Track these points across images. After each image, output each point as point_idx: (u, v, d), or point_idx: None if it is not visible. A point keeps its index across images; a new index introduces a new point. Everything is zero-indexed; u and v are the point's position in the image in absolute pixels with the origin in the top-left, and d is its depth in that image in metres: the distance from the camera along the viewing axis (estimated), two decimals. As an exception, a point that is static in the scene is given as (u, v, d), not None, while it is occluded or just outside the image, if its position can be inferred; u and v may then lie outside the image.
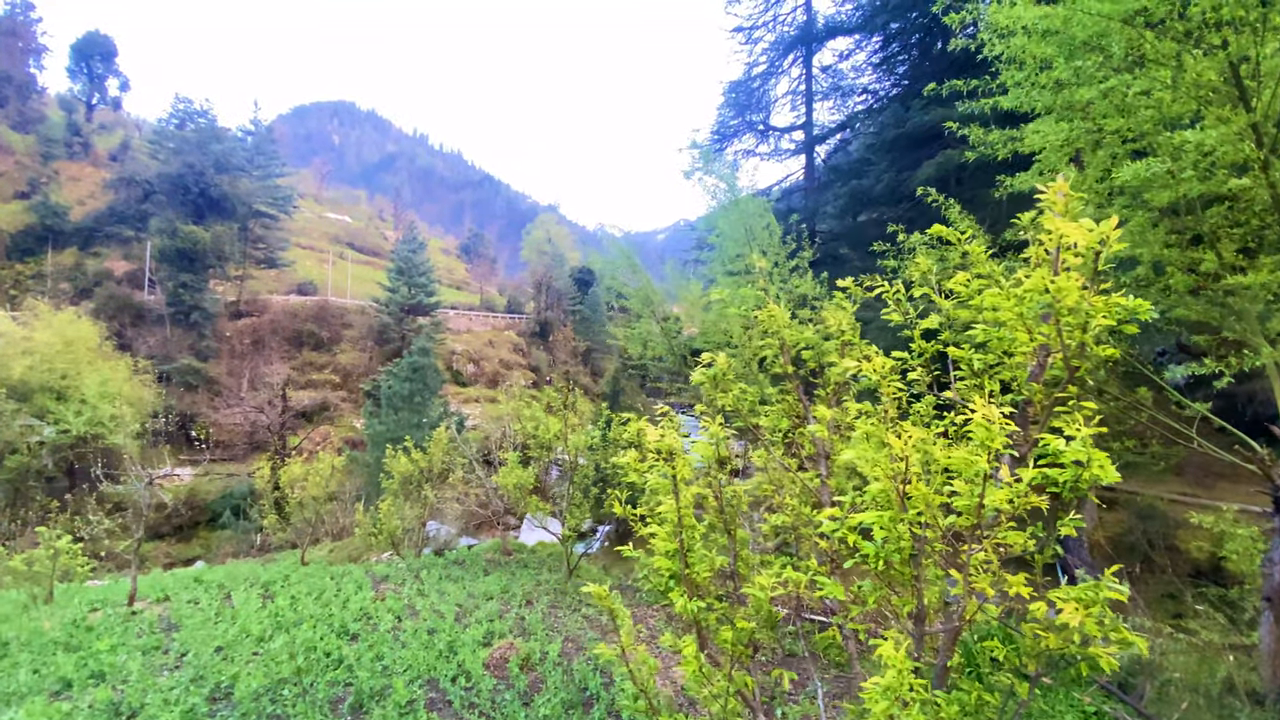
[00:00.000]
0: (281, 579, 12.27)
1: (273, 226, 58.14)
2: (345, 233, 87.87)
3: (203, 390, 40.39)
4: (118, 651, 8.41)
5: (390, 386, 29.08)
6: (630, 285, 18.49)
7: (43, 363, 30.23)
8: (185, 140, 51.99)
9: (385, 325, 50.62)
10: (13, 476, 27.46)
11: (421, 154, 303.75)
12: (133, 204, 52.03)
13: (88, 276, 47.69)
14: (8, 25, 65.94)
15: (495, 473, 19.38)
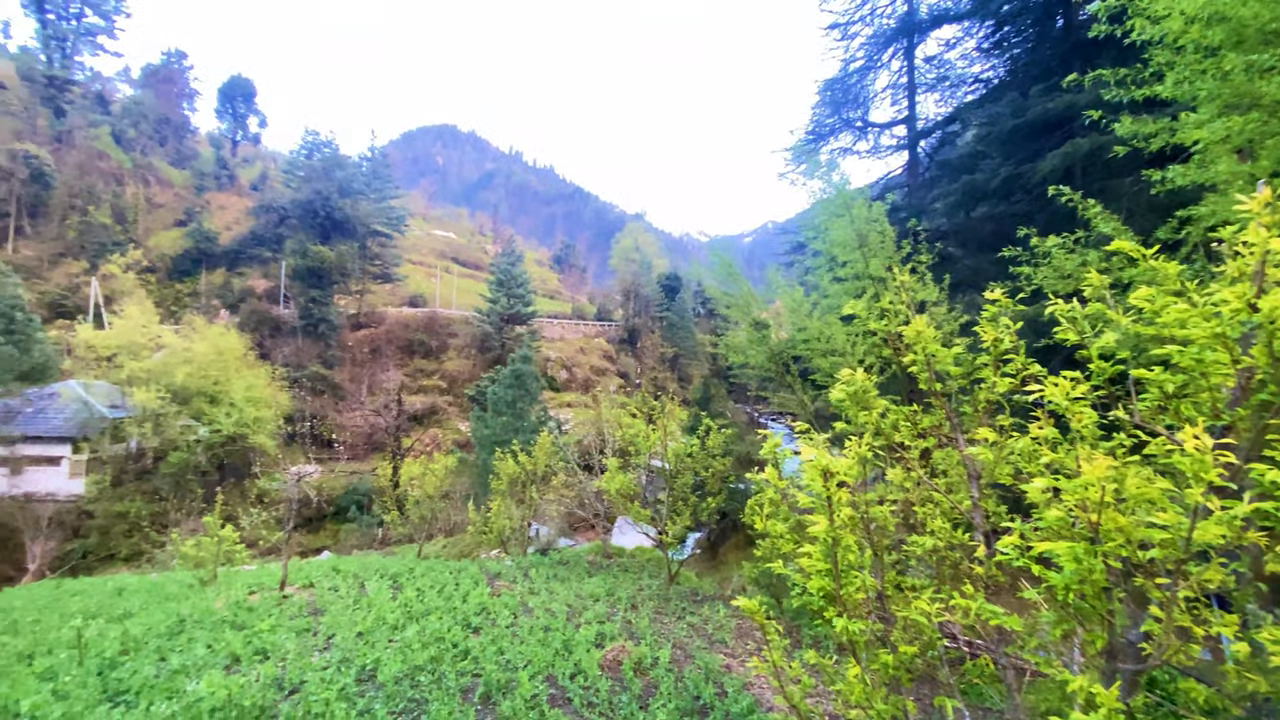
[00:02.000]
0: (407, 571, 13.26)
1: (388, 244, 63.10)
2: (450, 248, 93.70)
3: (329, 395, 44.43)
4: (276, 632, 9.43)
5: (494, 392, 30.64)
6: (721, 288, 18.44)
7: (199, 370, 34.31)
8: (313, 169, 57.64)
9: (487, 334, 53.40)
10: (175, 471, 31.36)
11: (517, 170, 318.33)
12: (270, 228, 58.29)
13: (234, 293, 53.92)
14: (165, 73, 76.09)
15: (594, 476, 19.95)
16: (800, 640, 8.93)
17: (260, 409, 34.02)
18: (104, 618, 11.27)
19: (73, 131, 62.86)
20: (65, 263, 52.36)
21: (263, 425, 34.04)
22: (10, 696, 6.29)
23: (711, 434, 13.13)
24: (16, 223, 54.93)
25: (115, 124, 67.18)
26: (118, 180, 60.91)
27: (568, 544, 22.06)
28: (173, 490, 30.03)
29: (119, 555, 27.42)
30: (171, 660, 8.06)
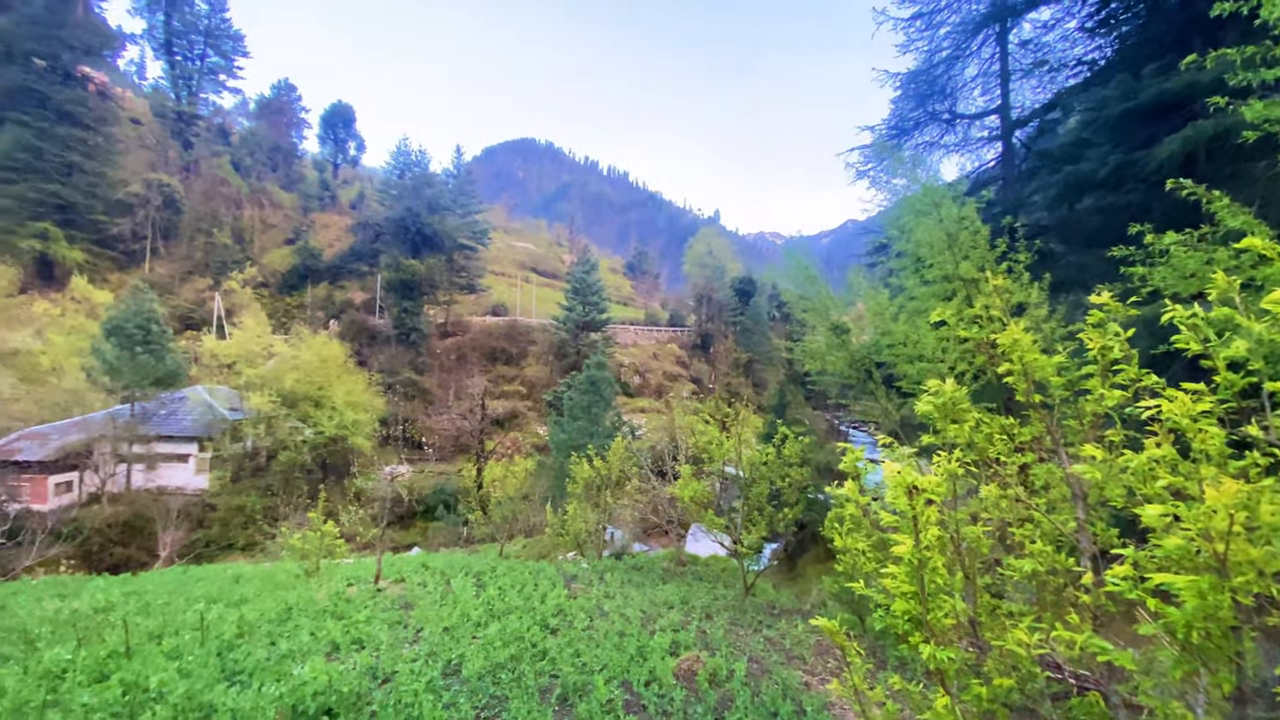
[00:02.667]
0: (489, 570, 13.79)
1: (472, 257, 66.25)
2: (529, 258, 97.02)
3: (419, 399, 47.02)
4: (370, 623, 10.05)
5: (570, 398, 31.37)
6: (797, 292, 17.98)
7: (305, 377, 37.18)
8: (404, 187, 61.43)
9: (563, 341, 54.76)
10: (285, 468, 34.14)
11: (591, 181, 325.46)
12: (367, 244, 62.58)
13: (335, 305, 58.26)
14: (276, 105, 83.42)
15: (667, 482, 19.96)
16: (885, 662, 8.52)
17: (358, 412, 36.45)
18: (223, 602, 12.43)
19: (199, 161, 70.30)
20: (193, 280, 58.51)
21: (360, 427, 36.45)
22: (141, 673, 7.05)
23: (788, 442, 12.82)
24: (152, 244, 62.00)
25: (234, 153, 74.50)
26: (237, 204, 67.45)
27: (642, 549, 22.17)
28: (282, 486, 32.71)
29: (236, 545, 30.18)
30: (280, 645, 8.77)
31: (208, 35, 77.89)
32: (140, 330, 32.92)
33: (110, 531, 28.04)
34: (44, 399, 34.34)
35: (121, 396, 32.71)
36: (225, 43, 78.91)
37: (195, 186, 65.76)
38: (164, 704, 6.25)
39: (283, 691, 6.56)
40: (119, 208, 60.53)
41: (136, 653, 8.19)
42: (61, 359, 36.92)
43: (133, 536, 28.51)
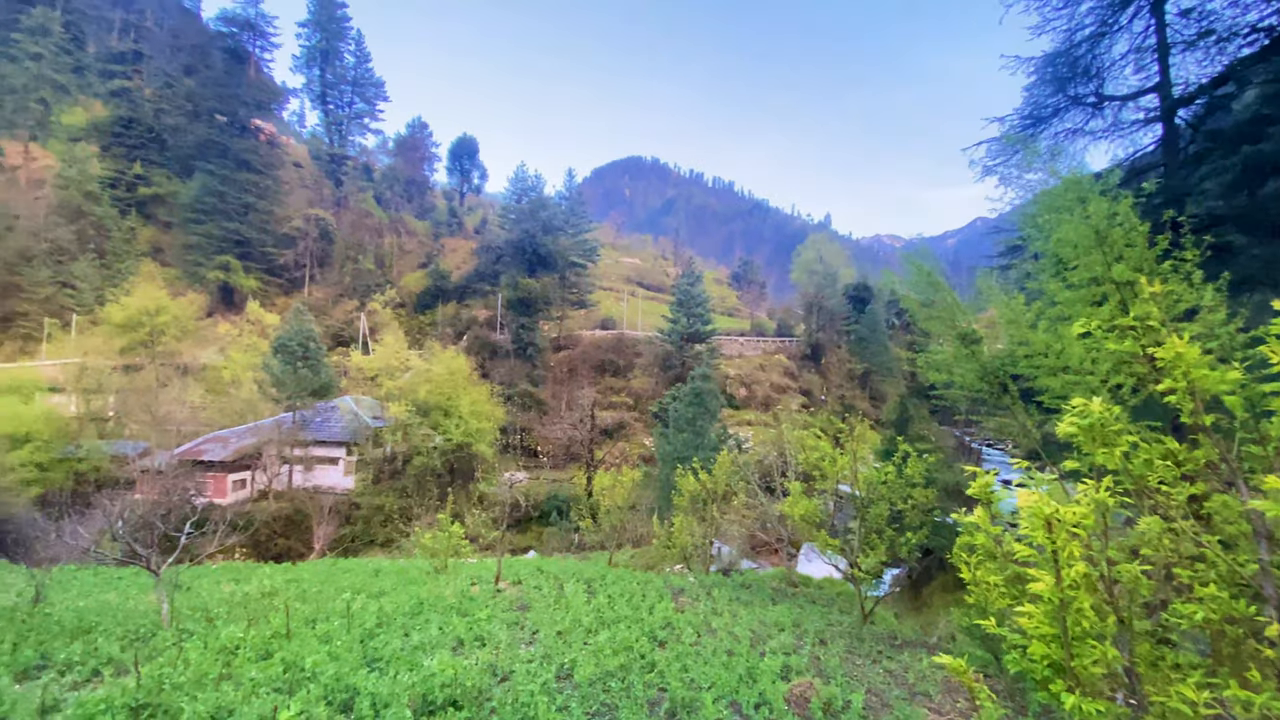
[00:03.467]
0: (599, 578, 14.14)
1: (582, 274, 68.95)
2: (635, 273, 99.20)
3: (534, 410, 49.41)
4: (491, 622, 10.65)
5: (676, 409, 31.52)
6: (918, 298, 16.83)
7: (436, 388, 40.33)
8: (522, 211, 65.29)
9: (668, 353, 55.21)
10: (418, 472, 37.15)
11: (696, 193, 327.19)
12: (489, 265, 67.09)
13: (462, 322, 62.88)
14: (411, 142, 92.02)
15: (776, 498, 19.40)
16: (1025, 707, 7.69)
17: (481, 421, 38.98)
18: (365, 594, 13.74)
19: (347, 197, 79.19)
20: (343, 302, 65.76)
21: (483, 436, 38.93)
22: (298, 654, 7.97)
23: (910, 460, 12.04)
24: (310, 272, 70.57)
25: (376, 188, 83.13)
26: (378, 234, 75.11)
27: (750, 566, 21.67)
28: (416, 488, 35.65)
29: (376, 541, 33.25)
30: (413, 636, 9.53)
31: (355, 85, 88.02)
32: (301, 347, 37.50)
33: (275, 524, 32.01)
34: (225, 407, 40.13)
35: (285, 405, 37.35)
36: (369, 90, 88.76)
37: (345, 219, 74.22)
38: (316, 683, 7.03)
39: (415, 681, 7.14)
40: (284, 241, 69.75)
41: (295, 635, 9.28)
42: (239, 373, 43.00)
43: (293, 529, 32.36)
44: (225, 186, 64.57)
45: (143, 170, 66.58)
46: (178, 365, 45.76)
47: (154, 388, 40.34)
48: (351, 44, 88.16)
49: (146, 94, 72.65)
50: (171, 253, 62.88)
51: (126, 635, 8.98)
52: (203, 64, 75.54)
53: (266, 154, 73.95)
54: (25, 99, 72.03)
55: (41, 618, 9.76)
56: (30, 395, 35.17)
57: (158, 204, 66.34)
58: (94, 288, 52.67)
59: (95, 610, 10.67)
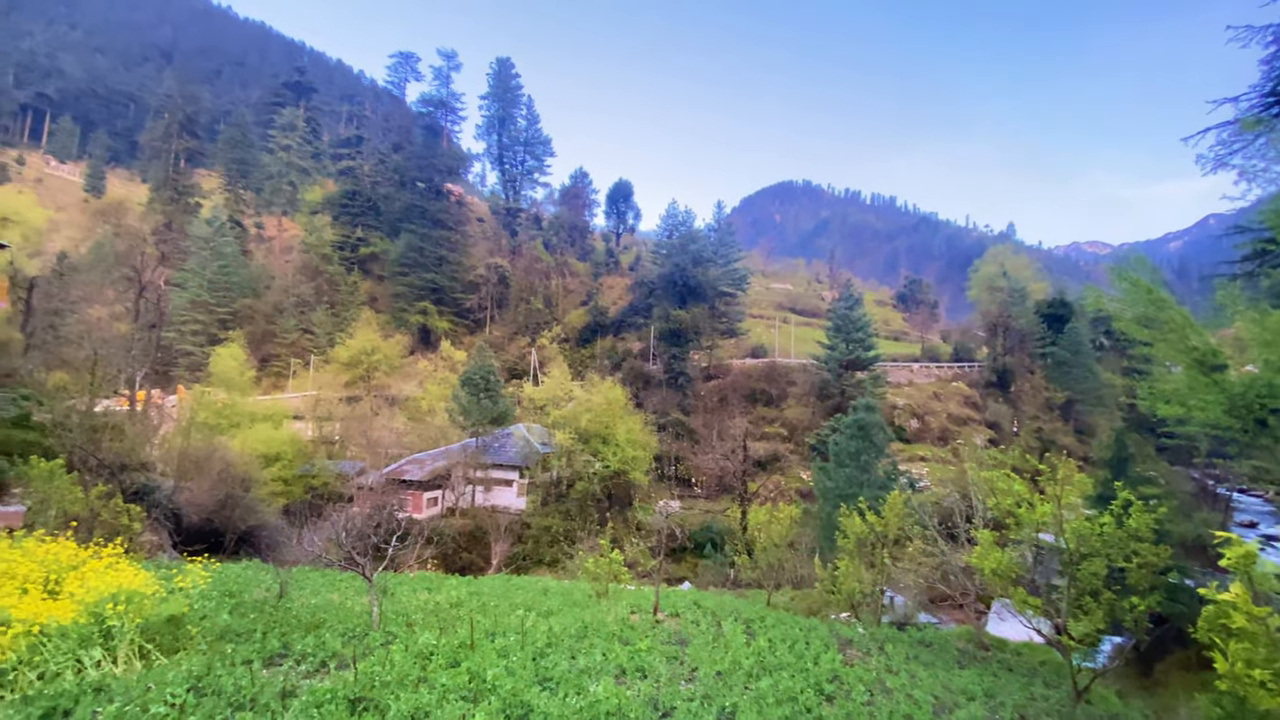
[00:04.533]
0: (758, 619, 13.62)
1: (732, 303, 68.85)
2: (787, 299, 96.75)
3: (686, 439, 49.77)
4: (651, 653, 10.71)
5: (836, 442, 29.77)
6: (1134, 314, 14.22)
7: (595, 417, 42.32)
8: (673, 246, 67.25)
9: (825, 381, 52.63)
10: (580, 497, 39.05)
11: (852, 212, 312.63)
12: (642, 300, 69.75)
13: (618, 354, 65.79)
14: (573, 191, 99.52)
15: (959, 547, 17.31)
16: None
17: (637, 449, 40.13)
18: (536, 611, 14.59)
19: (521, 245, 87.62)
20: (517, 339, 72.35)
21: (638, 464, 40.00)
22: (481, 665, 8.62)
23: (1133, 510, 10.09)
24: (490, 313, 78.76)
25: (544, 235, 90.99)
26: (546, 276, 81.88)
27: (929, 621, 19.46)
28: (578, 512, 37.52)
29: (544, 560, 35.38)
30: (579, 660, 9.89)
31: (526, 145, 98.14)
32: (483, 380, 41.78)
33: (460, 539, 35.49)
34: (422, 433, 45.81)
35: (470, 431, 41.64)
36: (538, 148, 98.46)
37: (518, 265, 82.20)
38: (496, 696, 7.54)
39: (582, 705, 7.37)
40: (470, 287, 78.97)
41: (478, 647, 10.09)
42: (434, 403, 48.99)
43: (474, 545, 35.65)
44: (424, 243, 75.09)
45: (363, 233, 79.84)
46: (387, 396, 53.42)
47: (369, 416, 47.35)
48: (523, 109, 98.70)
49: (365, 170, 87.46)
50: (383, 301, 74.10)
51: (346, 632, 10.44)
52: (407, 140, 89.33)
53: (456, 213, 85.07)
54: (279, 182, 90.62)
55: (283, 611, 11.72)
56: (280, 422, 43.09)
57: (373, 261, 78.94)
58: (327, 333, 63.68)
59: (323, 608, 12.57)
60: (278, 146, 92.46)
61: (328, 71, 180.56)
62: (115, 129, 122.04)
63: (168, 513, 21.82)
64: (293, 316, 66.47)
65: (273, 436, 38.62)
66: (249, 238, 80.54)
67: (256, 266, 73.95)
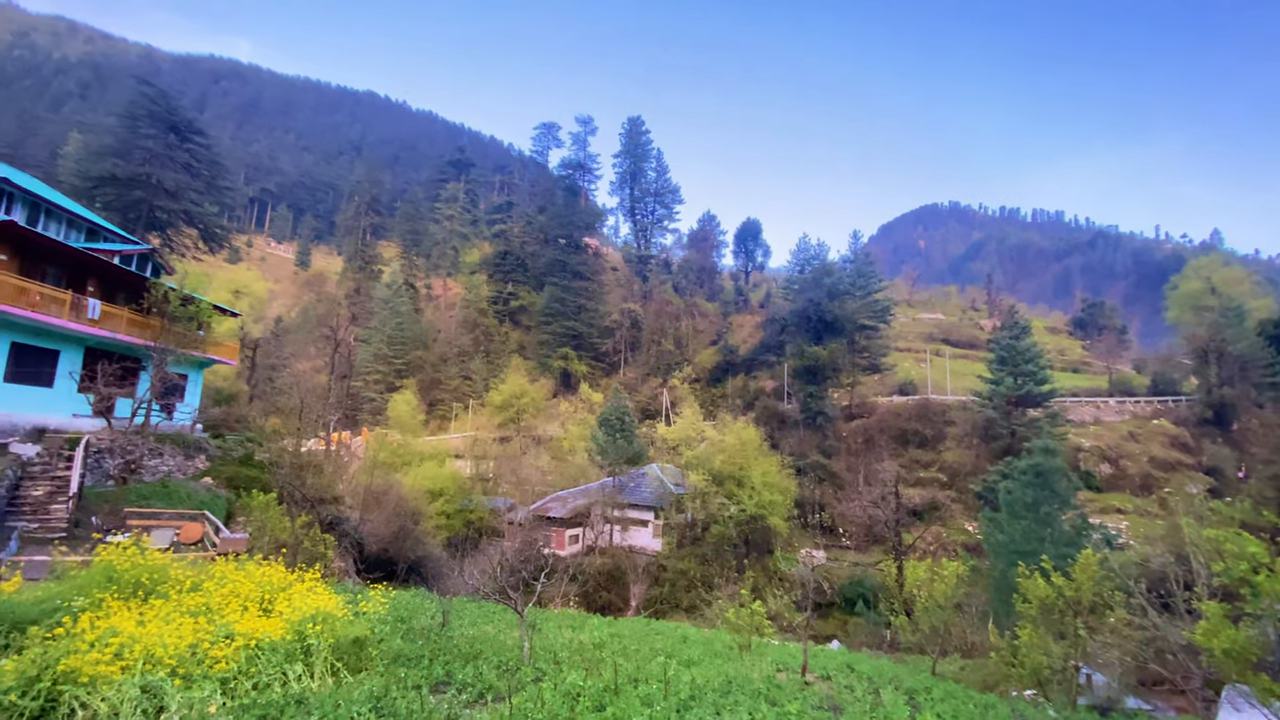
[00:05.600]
0: (923, 690, 12.21)
1: (874, 336, 65.01)
2: (939, 329, 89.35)
3: (828, 483, 47.02)
4: (802, 718, 9.97)
5: (1007, 490, 26.42)
6: None
7: (729, 458, 41.52)
8: (805, 281, 65.50)
9: (990, 420, 47.30)
10: (715, 540, 38.17)
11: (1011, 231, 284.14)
12: (774, 337, 68.28)
13: (750, 394, 64.56)
14: (701, 234, 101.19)
15: (1175, 617, 14.36)
16: None
17: (774, 493, 38.66)
18: (676, 659, 14.31)
19: (651, 290, 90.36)
20: (649, 380, 73.94)
21: (776, 508, 38.45)
22: (626, 712, 8.56)
23: None
24: (624, 356, 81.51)
25: (674, 278, 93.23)
26: (676, 318, 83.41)
27: (1140, 706, 16.16)
28: (714, 556, 36.65)
29: (681, 605, 34.83)
30: (724, 717, 9.48)
31: (656, 195, 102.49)
32: (618, 420, 43.06)
33: (599, 578, 36.17)
34: (564, 471, 47.95)
35: (607, 471, 42.85)
36: (667, 197, 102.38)
37: (650, 309, 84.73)
38: (641, 746, 7.43)
39: (729, 768, 7.01)
40: (605, 332, 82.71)
41: (621, 692, 10.08)
42: (574, 443, 51.25)
43: (613, 584, 36.13)
44: (565, 294, 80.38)
45: (513, 288, 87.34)
46: (534, 437, 56.89)
47: (518, 455, 50.65)
48: (653, 162, 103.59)
49: (515, 231, 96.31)
50: (529, 348, 79.86)
51: (500, 665, 10.97)
52: (550, 202, 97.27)
53: (593, 264, 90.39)
54: (444, 248, 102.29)
55: (445, 640, 12.61)
56: (443, 460, 47.46)
57: (522, 312, 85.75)
58: (483, 379, 69.75)
59: (480, 639, 13.35)
60: (443, 216, 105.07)
61: (483, 148, 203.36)
62: (319, 212, 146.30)
63: (353, 542, 24.73)
64: (455, 365, 73.85)
65: (438, 474, 42.59)
66: (420, 297, 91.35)
67: (426, 322, 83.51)
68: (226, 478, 21.44)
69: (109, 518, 16.12)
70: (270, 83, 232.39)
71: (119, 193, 50.33)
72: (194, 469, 21.27)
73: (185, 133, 56.88)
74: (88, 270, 22.47)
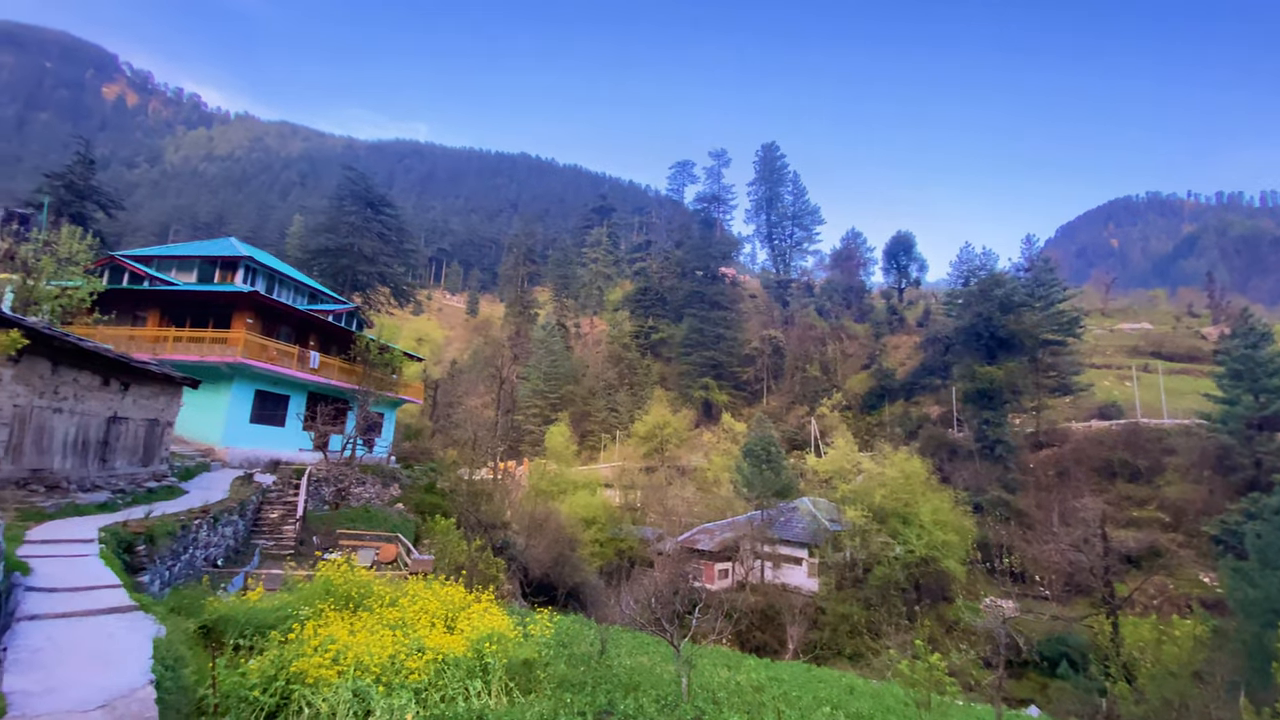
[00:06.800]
0: (1160, 779, 10.07)
1: (1060, 352, 57.00)
2: (1145, 341, 76.09)
3: (1014, 522, 41.41)
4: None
5: (1256, 533, 21.41)
6: None
7: (891, 493, 38.34)
8: (970, 294, 59.58)
9: (1224, 448, 38.99)
10: (880, 583, 35.10)
11: (1234, 220, 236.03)
12: (937, 358, 62.69)
13: (912, 421, 59.46)
14: (845, 253, 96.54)
15: None
16: None
17: (947, 533, 34.92)
18: (844, 712, 13.25)
19: (793, 314, 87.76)
20: (794, 409, 71.23)
21: (951, 550, 34.64)
22: (796, 761, 8.04)
23: None
24: (766, 384, 79.49)
25: (817, 301, 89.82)
26: (821, 342, 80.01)
27: None
28: (880, 601, 33.69)
29: (844, 652, 32.34)
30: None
31: (794, 218, 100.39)
32: (764, 451, 41.85)
33: (752, 617, 34.84)
34: (710, 503, 47.42)
35: (755, 504, 41.64)
36: (806, 219, 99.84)
37: (792, 335, 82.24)
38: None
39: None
40: (746, 360, 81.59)
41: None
42: (719, 473, 50.64)
43: (767, 624, 34.57)
44: (703, 324, 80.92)
45: (653, 322, 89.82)
46: (677, 467, 57.24)
47: (663, 485, 51.16)
48: (790, 185, 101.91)
49: (653, 268, 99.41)
50: (670, 380, 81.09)
51: (659, 699, 10.93)
52: (686, 236, 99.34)
53: (730, 293, 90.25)
54: (590, 289, 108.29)
55: (605, 668, 12.86)
56: (594, 490, 49.32)
57: (662, 345, 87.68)
58: (627, 410, 71.94)
59: (637, 670, 13.44)
60: (588, 260, 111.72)
61: (623, 192, 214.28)
62: (484, 265, 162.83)
63: (520, 566, 26.44)
64: (602, 398, 77.14)
65: (590, 502, 44.33)
66: (570, 336, 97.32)
67: (576, 359, 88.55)
68: (414, 504, 24.16)
69: (325, 537, 18.85)
70: (442, 156, 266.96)
71: (330, 261, 60.28)
72: (389, 496, 24.25)
73: (379, 207, 66.96)
74: (310, 327, 27.02)
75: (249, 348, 22.33)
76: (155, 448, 15.76)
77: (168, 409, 16.17)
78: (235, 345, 22.16)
